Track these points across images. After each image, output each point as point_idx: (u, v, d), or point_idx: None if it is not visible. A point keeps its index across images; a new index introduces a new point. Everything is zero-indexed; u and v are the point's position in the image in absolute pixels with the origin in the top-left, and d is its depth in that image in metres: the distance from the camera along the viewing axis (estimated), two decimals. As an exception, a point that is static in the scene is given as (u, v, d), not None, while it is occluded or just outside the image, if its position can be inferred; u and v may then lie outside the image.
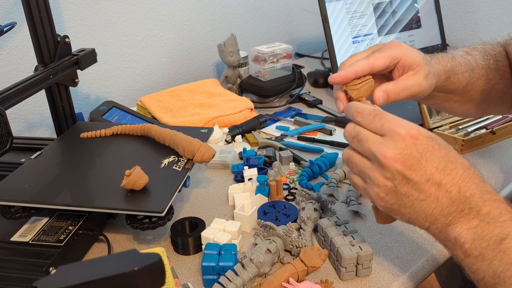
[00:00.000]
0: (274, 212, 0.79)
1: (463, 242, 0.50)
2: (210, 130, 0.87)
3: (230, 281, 0.61)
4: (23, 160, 0.83)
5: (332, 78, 0.60)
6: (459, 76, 0.70)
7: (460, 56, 0.71)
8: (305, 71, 1.39)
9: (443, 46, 1.45)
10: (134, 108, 1.14)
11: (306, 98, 1.25)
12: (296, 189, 0.87)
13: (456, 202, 0.50)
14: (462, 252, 0.51)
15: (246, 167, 0.86)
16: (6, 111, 0.66)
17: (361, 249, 0.64)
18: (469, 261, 0.50)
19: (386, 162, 0.50)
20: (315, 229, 0.75)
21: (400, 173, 0.50)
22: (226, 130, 1.04)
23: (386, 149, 0.50)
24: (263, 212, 0.79)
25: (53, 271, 0.62)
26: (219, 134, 1.00)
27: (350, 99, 0.60)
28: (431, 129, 1.01)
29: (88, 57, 0.88)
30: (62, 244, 0.66)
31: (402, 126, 0.50)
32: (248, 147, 1.03)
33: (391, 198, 0.52)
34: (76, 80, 0.88)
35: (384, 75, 0.65)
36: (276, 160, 0.95)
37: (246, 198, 0.80)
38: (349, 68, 0.59)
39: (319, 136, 1.07)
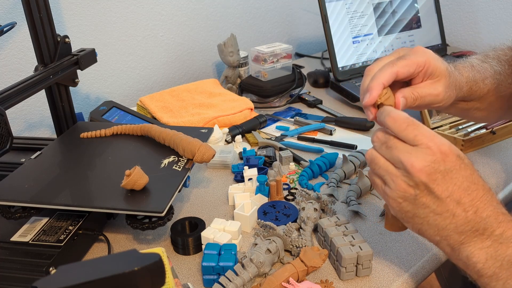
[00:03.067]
0: (274, 212, 0.79)
1: (475, 262, 0.51)
2: (210, 130, 0.87)
3: (230, 281, 0.61)
4: (23, 160, 0.83)
5: (367, 103, 0.58)
6: (480, 84, 0.70)
7: (477, 65, 0.72)
8: (305, 71, 1.39)
9: (443, 46, 1.45)
10: (134, 108, 1.14)
11: (306, 98, 1.25)
12: (296, 189, 0.87)
13: (472, 222, 0.51)
14: (474, 272, 0.51)
15: (246, 167, 0.86)
16: (6, 111, 0.66)
17: (361, 249, 0.64)
18: (483, 281, 0.51)
19: (413, 172, 0.50)
20: (315, 229, 0.75)
21: (424, 184, 0.51)
22: (226, 130, 1.04)
23: (415, 159, 0.50)
24: (263, 212, 0.79)
25: (53, 271, 0.62)
26: (219, 134, 1.00)
27: (378, 107, 0.59)
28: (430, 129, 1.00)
29: (88, 57, 0.88)
30: (62, 244, 0.66)
31: (434, 141, 0.51)
32: (248, 147, 1.03)
33: (408, 205, 0.53)
34: (76, 80, 0.88)
35: (404, 81, 0.65)
36: (276, 160, 0.95)
37: (246, 198, 0.80)
38: (375, 83, 0.58)
39: (319, 136, 1.07)
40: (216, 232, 0.71)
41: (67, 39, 0.84)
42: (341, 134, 1.08)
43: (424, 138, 0.51)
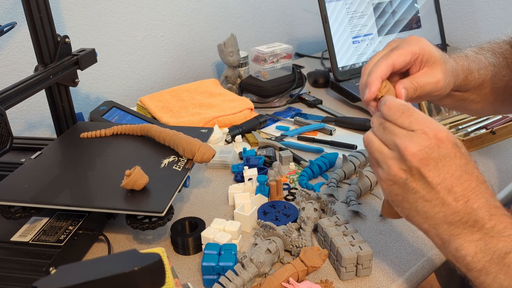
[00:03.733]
0: (274, 212, 0.79)
1: (464, 255, 0.49)
2: (210, 130, 0.87)
3: (230, 281, 0.61)
4: (23, 160, 0.83)
5: (367, 98, 0.59)
6: (475, 74, 0.70)
7: (472, 55, 0.71)
8: (305, 71, 1.39)
9: (443, 46, 1.45)
10: (134, 108, 1.14)
11: (306, 98, 1.25)
12: (296, 189, 0.87)
13: (461, 212, 0.49)
14: (464, 265, 0.50)
15: (246, 167, 0.86)
16: (6, 111, 0.66)
17: (361, 249, 0.64)
18: (473, 275, 0.50)
19: (406, 155, 0.50)
20: (315, 229, 0.75)
21: (416, 168, 0.50)
22: (226, 130, 1.04)
23: (409, 143, 0.50)
24: (263, 212, 0.79)
25: (53, 271, 0.62)
26: (219, 134, 1.00)
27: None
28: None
29: (88, 57, 0.88)
30: (62, 244, 0.66)
31: (430, 127, 0.50)
32: (248, 147, 1.03)
33: (397, 188, 0.52)
34: (76, 80, 0.88)
35: (402, 72, 0.64)
36: (276, 160, 0.95)
37: (246, 198, 0.80)
38: (373, 78, 0.58)
39: (319, 136, 1.07)
40: (216, 232, 0.71)
41: (67, 39, 0.84)
42: (341, 134, 1.08)
43: (420, 123, 0.50)
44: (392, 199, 0.54)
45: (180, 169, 0.75)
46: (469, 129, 0.99)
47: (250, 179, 0.84)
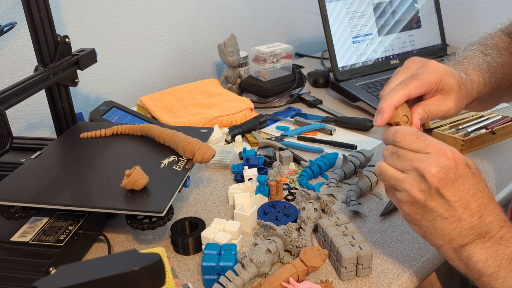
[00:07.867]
0: (274, 212, 0.79)
1: (475, 261, 0.53)
2: (210, 130, 0.87)
3: (230, 281, 0.61)
4: (23, 160, 0.83)
5: (378, 125, 0.61)
6: (487, 85, 0.71)
7: (483, 62, 0.72)
8: (305, 71, 1.39)
9: (443, 46, 1.45)
10: (134, 108, 1.14)
11: (306, 98, 1.25)
12: (296, 189, 0.87)
13: (475, 227, 0.53)
14: (475, 272, 0.53)
15: (246, 167, 0.86)
16: (6, 111, 0.66)
17: (361, 249, 0.64)
18: (484, 280, 0.53)
19: (427, 176, 0.52)
20: (315, 229, 0.75)
21: (435, 188, 0.53)
22: (226, 130, 1.04)
23: (428, 164, 0.53)
24: (263, 212, 0.79)
25: (53, 271, 0.62)
26: (219, 134, 1.00)
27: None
28: (431, 129, 1.01)
29: (88, 57, 0.88)
30: (62, 244, 0.66)
31: (446, 148, 0.53)
32: (248, 147, 1.03)
33: (417, 208, 0.55)
34: (76, 80, 0.88)
35: None
36: (276, 160, 0.95)
37: (246, 198, 0.80)
38: (385, 105, 0.60)
39: (319, 136, 1.07)
40: (216, 232, 0.71)
41: (67, 39, 0.84)
42: (341, 134, 1.08)
43: (435, 146, 0.53)
44: (412, 218, 0.56)
45: (180, 169, 0.75)
46: (469, 129, 0.99)
47: (250, 179, 0.84)
